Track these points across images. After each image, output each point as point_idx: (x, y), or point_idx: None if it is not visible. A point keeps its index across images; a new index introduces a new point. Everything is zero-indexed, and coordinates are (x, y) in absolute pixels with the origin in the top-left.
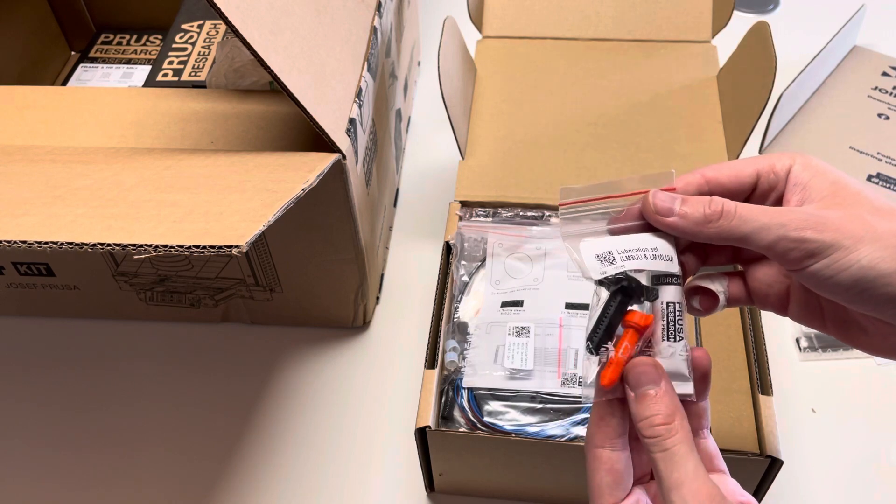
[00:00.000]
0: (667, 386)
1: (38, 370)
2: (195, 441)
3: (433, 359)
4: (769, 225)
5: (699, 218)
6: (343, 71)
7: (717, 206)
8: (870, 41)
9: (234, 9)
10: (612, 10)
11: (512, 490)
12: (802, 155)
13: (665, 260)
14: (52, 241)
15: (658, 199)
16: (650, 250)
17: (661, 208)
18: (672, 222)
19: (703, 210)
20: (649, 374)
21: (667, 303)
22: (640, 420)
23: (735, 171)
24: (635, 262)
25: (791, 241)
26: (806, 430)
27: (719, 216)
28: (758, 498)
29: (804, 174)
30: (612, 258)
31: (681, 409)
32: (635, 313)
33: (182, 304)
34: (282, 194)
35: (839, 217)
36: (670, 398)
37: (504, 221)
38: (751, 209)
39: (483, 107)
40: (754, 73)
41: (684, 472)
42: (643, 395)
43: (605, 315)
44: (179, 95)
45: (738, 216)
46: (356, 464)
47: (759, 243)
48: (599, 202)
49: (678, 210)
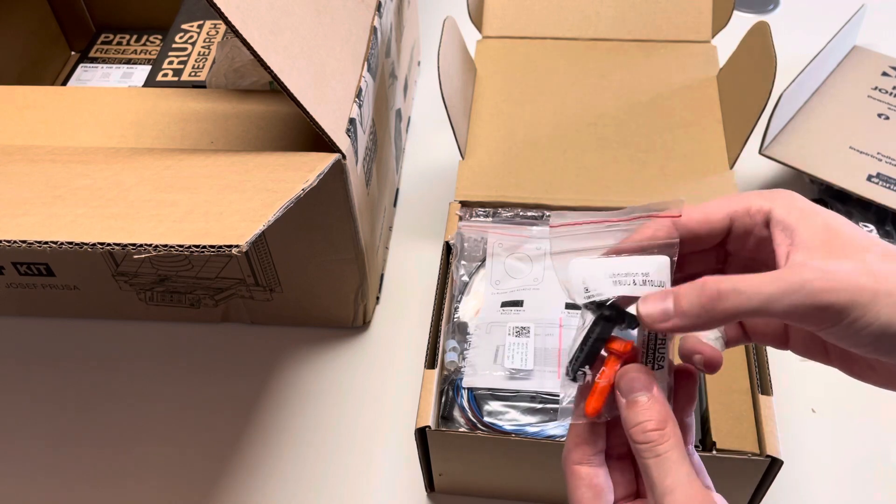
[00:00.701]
0: (658, 392)
1: (39, 370)
2: (195, 441)
3: (433, 359)
4: (776, 294)
5: (698, 311)
6: (343, 71)
7: (712, 290)
8: (870, 41)
9: (234, 9)
10: (612, 10)
11: (512, 490)
12: (781, 194)
13: (655, 286)
14: (52, 241)
15: (649, 307)
16: (640, 275)
17: (655, 314)
18: (672, 325)
19: (698, 300)
20: (641, 381)
21: (648, 332)
22: (632, 426)
23: (705, 216)
24: (622, 287)
25: (805, 307)
26: (806, 430)
27: (717, 300)
28: (758, 498)
29: (790, 217)
30: (599, 282)
31: (672, 415)
32: (617, 341)
33: (182, 304)
34: (282, 194)
35: (850, 270)
36: (661, 404)
37: (504, 221)
38: (749, 281)
39: (483, 107)
40: (754, 73)
41: (677, 478)
42: (634, 401)
43: (586, 340)
44: (179, 95)
45: (739, 293)
46: (356, 464)
47: (773, 314)
48: (593, 224)
49: (673, 311)
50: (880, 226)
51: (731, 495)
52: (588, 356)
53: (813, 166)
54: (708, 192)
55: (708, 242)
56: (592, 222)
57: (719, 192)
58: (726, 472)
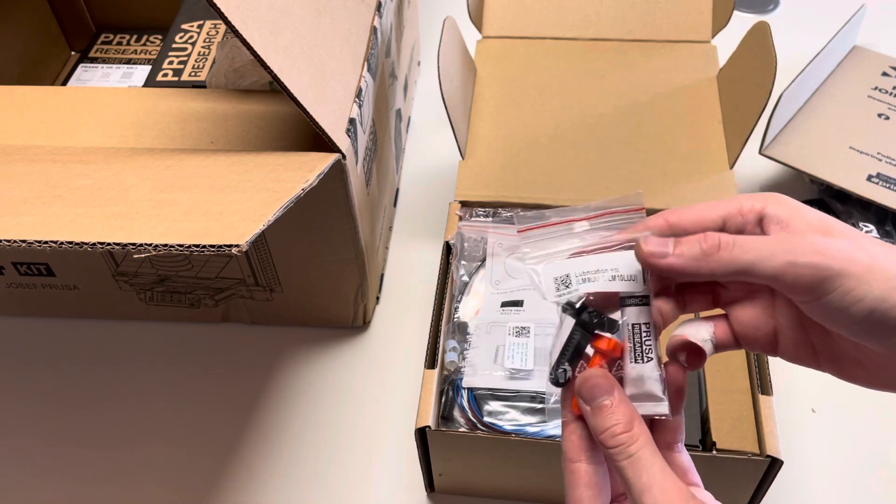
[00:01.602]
0: (620, 394)
1: (39, 370)
2: (195, 440)
3: (433, 359)
4: (775, 251)
5: (697, 254)
6: (343, 71)
7: (714, 240)
8: (870, 41)
9: (234, 9)
10: (612, 10)
11: (512, 490)
12: (772, 195)
13: (627, 280)
14: (51, 241)
15: (651, 244)
16: (610, 270)
17: (656, 251)
18: (669, 262)
19: (698, 246)
20: (601, 386)
21: (631, 325)
22: (601, 432)
23: (699, 217)
24: (592, 284)
25: (800, 266)
26: (806, 430)
27: (717, 249)
28: (758, 498)
29: (783, 212)
30: (569, 281)
31: (637, 413)
32: (602, 339)
33: (182, 304)
34: (282, 194)
35: (844, 245)
36: (625, 405)
37: (504, 221)
38: (749, 239)
39: (483, 107)
40: (754, 73)
41: (651, 475)
42: (599, 407)
43: (570, 342)
44: (179, 95)
45: (738, 246)
46: (356, 464)
47: (765, 272)
48: (560, 225)
49: (672, 251)
50: (880, 226)
51: (731, 495)
52: (572, 357)
53: (813, 166)
54: (708, 192)
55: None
56: (557, 223)
57: (719, 192)
58: (726, 472)
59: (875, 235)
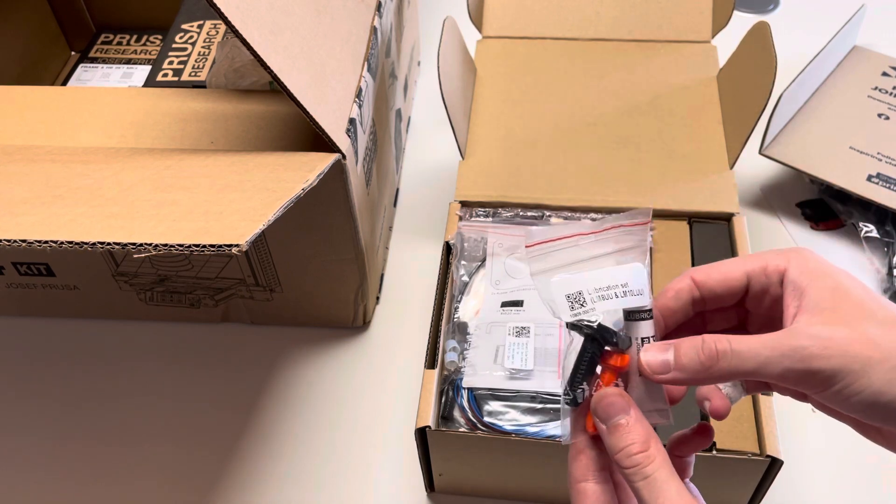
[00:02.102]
0: (636, 413)
1: (39, 370)
2: (195, 441)
3: (433, 359)
4: (772, 358)
5: (696, 367)
6: (343, 71)
7: (711, 349)
8: (870, 41)
9: (234, 9)
10: (612, 10)
11: (512, 490)
12: (797, 253)
13: (636, 295)
14: (51, 240)
15: (650, 357)
16: (620, 287)
17: (656, 366)
18: (671, 377)
19: (697, 357)
20: (618, 405)
21: (640, 338)
22: (617, 451)
23: (724, 275)
24: (606, 302)
25: (798, 372)
26: (806, 430)
27: (716, 359)
28: (758, 498)
29: (802, 278)
30: (583, 299)
31: (654, 433)
32: (613, 355)
33: (182, 304)
34: (282, 194)
35: (844, 338)
36: (642, 425)
37: (504, 221)
38: (748, 342)
39: (483, 107)
40: (754, 73)
41: (668, 497)
42: (615, 426)
43: (582, 360)
44: (179, 95)
45: (736, 354)
46: (356, 464)
47: (768, 377)
48: (569, 239)
49: (673, 363)
50: (880, 226)
51: (731, 495)
52: (585, 376)
53: (813, 166)
54: (708, 192)
55: (728, 301)
56: (566, 237)
57: (719, 191)
58: (726, 472)
59: (875, 235)
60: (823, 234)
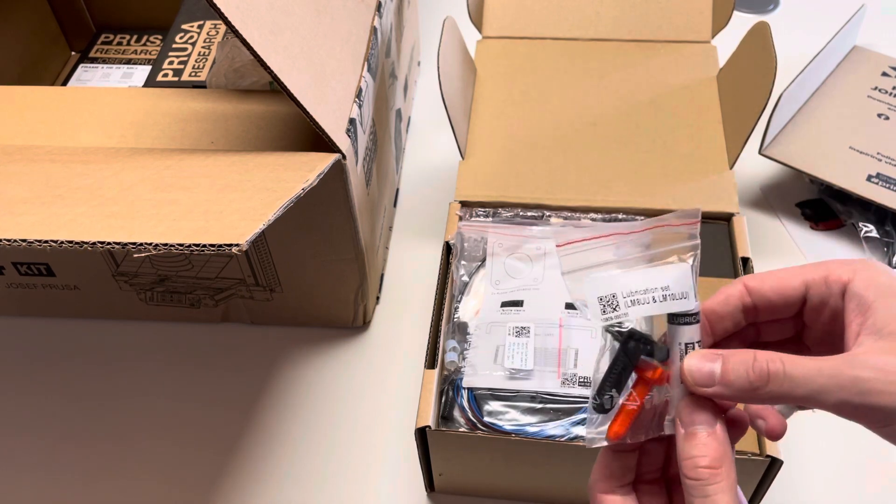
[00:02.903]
0: (721, 431)
1: (39, 370)
2: (195, 441)
3: (433, 359)
4: (828, 387)
5: (744, 385)
6: (343, 71)
7: (762, 368)
8: (870, 41)
9: (234, 9)
10: (612, 10)
11: (512, 490)
12: (864, 265)
13: (678, 299)
14: (51, 240)
15: (694, 365)
16: (660, 290)
17: (699, 377)
18: (714, 392)
19: (746, 375)
20: (705, 415)
21: (684, 344)
22: (685, 459)
23: (780, 283)
24: (641, 307)
25: (856, 406)
26: (806, 430)
27: (766, 381)
28: (758, 498)
29: (868, 293)
30: (616, 303)
31: (731, 457)
32: (649, 367)
33: (182, 304)
34: (282, 193)
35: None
36: (721, 443)
37: (504, 221)
38: (803, 366)
39: (483, 107)
40: (754, 73)
41: None
42: (693, 433)
43: (615, 367)
44: (179, 95)
45: (788, 378)
46: (356, 464)
47: (820, 406)
48: (603, 238)
49: (718, 377)
50: (880, 226)
51: None
52: (616, 383)
53: (813, 166)
54: (708, 192)
55: (783, 311)
56: (601, 237)
57: (719, 191)
58: None
59: (875, 235)
60: (823, 234)
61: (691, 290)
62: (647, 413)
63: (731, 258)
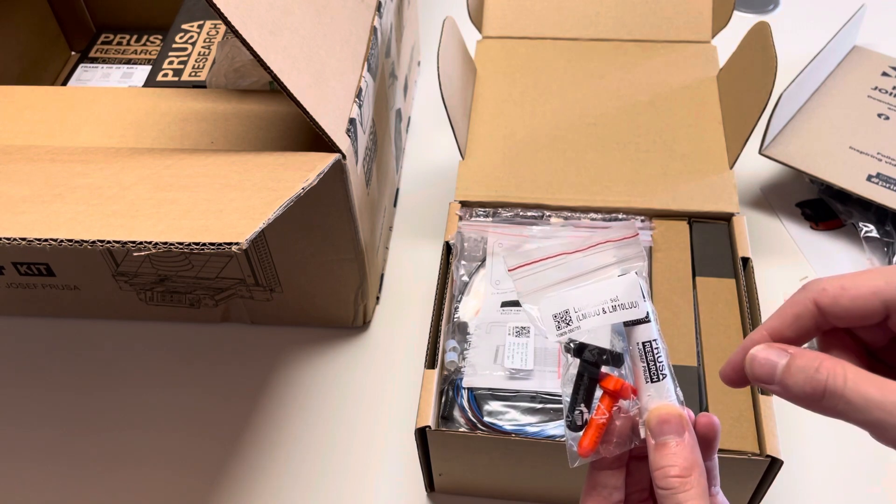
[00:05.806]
0: (690, 439)
1: (39, 370)
2: (195, 441)
3: (433, 359)
4: (886, 422)
5: (799, 394)
6: (343, 71)
7: (820, 381)
8: (870, 41)
9: (234, 9)
10: (612, 10)
11: (512, 490)
12: None
13: (628, 308)
14: (51, 239)
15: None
16: (609, 301)
17: (761, 372)
18: (772, 390)
19: (804, 384)
20: (672, 424)
21: (641, 343)
22: (656, 469)
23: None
24: (592, 319)
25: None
26: (806, 430)
27: (821, 396)
28: (758, 498)
29: None
30: (569, 318)
31: (700, 463)
32: (609, 378)
33: (182, 304)
34: (282, 193)
35: None
36: (690, 451)
37: (504, 221)
38: (865, 390)
39: (483, 107)
40: (754, 73)
41: None
42: (663, 444)
43: (579, 383)
44: (179, 95)
45: (842, 399)
46: (356, 464)
47: (876, 436)
48: (555, 258)
49: (779, 376)
50: (880, 226)
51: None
52: (585, 399)
53: (813, 166)
54: (708, 192)
55: (869, 320)
56: (550, 258)
57: (719, 191)
58: (726, 472)
59: (875, 235)
60: (823, 234)
61: (640, 298)
62: (623, 425)
63: (732, 258)
